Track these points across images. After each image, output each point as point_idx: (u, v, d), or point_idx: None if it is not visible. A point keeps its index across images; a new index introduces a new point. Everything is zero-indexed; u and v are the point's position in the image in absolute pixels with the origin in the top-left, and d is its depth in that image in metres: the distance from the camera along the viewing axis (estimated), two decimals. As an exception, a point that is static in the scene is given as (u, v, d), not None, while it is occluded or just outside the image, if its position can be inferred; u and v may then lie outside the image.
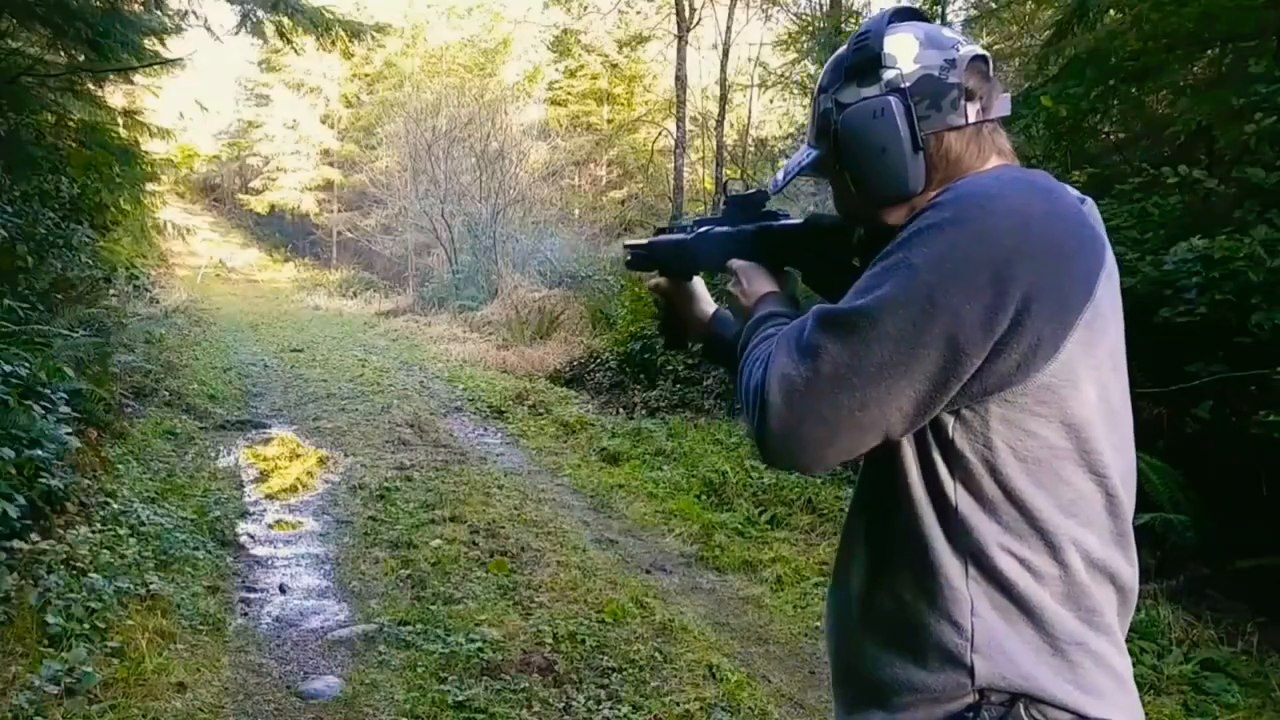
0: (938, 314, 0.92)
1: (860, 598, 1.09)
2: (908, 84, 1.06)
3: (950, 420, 0.98)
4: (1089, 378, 0.97)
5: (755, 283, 1.27)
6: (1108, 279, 0.99)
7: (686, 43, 12.45)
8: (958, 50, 1.07)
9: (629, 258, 1.62)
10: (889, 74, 1.07)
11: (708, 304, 1.49)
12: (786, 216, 1.34)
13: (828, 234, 1.26)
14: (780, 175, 1.22)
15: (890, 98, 1.05)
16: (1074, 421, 0.97)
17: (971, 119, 1.06)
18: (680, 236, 1.49)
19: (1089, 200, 1.06)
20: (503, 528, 5.04)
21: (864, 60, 1.08)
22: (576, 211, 20.64)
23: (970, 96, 1.06)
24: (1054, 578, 0.97)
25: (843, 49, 1.14)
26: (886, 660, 1.04)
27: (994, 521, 0.98)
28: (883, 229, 1.11)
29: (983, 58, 1.08)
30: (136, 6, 7.14)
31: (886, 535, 1.06)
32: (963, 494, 0.98)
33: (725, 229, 1.40)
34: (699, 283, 1.51)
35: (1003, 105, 1.10)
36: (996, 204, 0.95)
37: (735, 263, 1.32)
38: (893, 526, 1.04)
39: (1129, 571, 1.03)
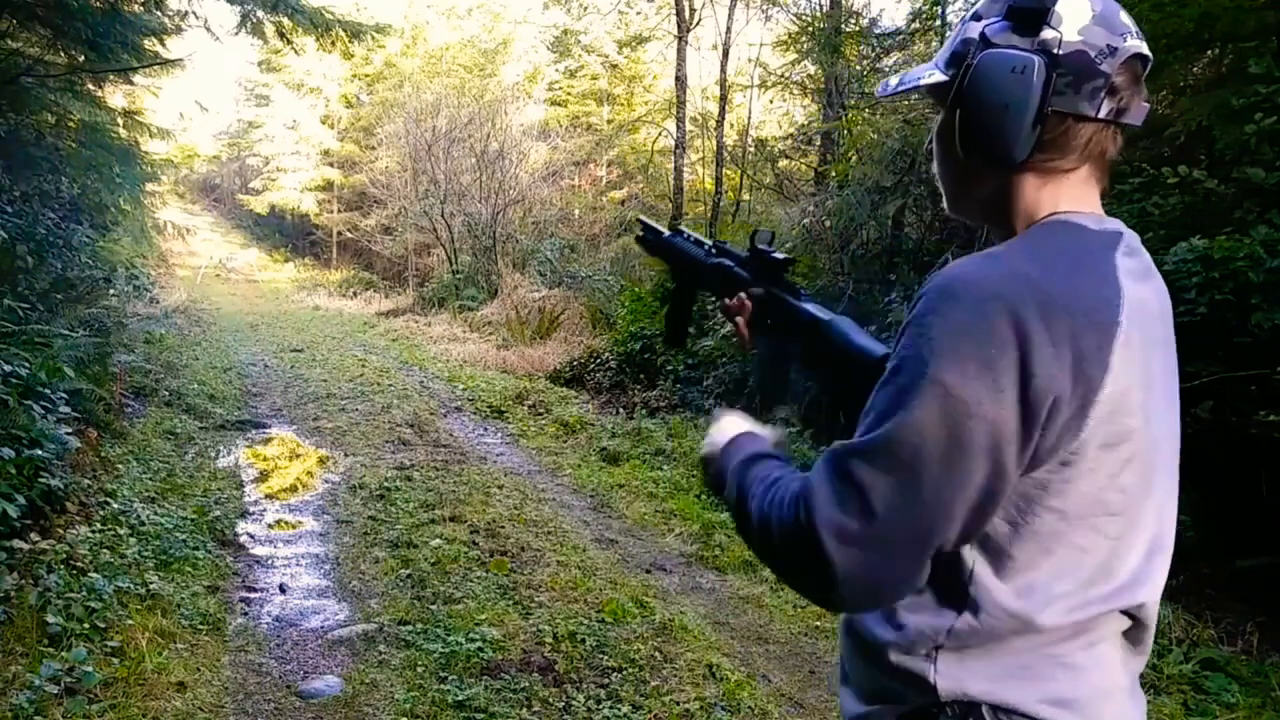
0: (973, 424, 0.89)
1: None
2: (1061, 52, 0.98)
3: None
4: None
5: (727, 420, 1.23)
6: (1124, 346, 0.95)
7: (686, 43, 12.43)
8: (1125, 40, 0.99)
9: (641, 234, 1.66)
10: (1048, 34, 0.99)
11: (743, 423, 1.25)
12: (807, 298, 1.31)
13: (849, 362, 1.21)
14: (894, 81, 1.14)
15: (1037, 59, 0.97)
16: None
17: (1102, 114, 1.00)
18: (697, 252, 1.52)
19: (1125, 234, 1.02)
20: (503, 527, 5.04)
21: (1031, 9, 1.00)
22: (576, 212, 20.63)
23: (1112, 92, 1.00)
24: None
25: None
26: (862, 665, 1.07)
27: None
28: (969, 205, 1.12)
29: (1143, 59, 1.01)
30: (136, 7, 7.13)
31: None
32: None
33: (748, 279, 1.39)
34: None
35: (1139, 114, 1.02)
36: (994, 305, 0.90)
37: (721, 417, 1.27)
38: None
39: (1130, 589, 1.01)
